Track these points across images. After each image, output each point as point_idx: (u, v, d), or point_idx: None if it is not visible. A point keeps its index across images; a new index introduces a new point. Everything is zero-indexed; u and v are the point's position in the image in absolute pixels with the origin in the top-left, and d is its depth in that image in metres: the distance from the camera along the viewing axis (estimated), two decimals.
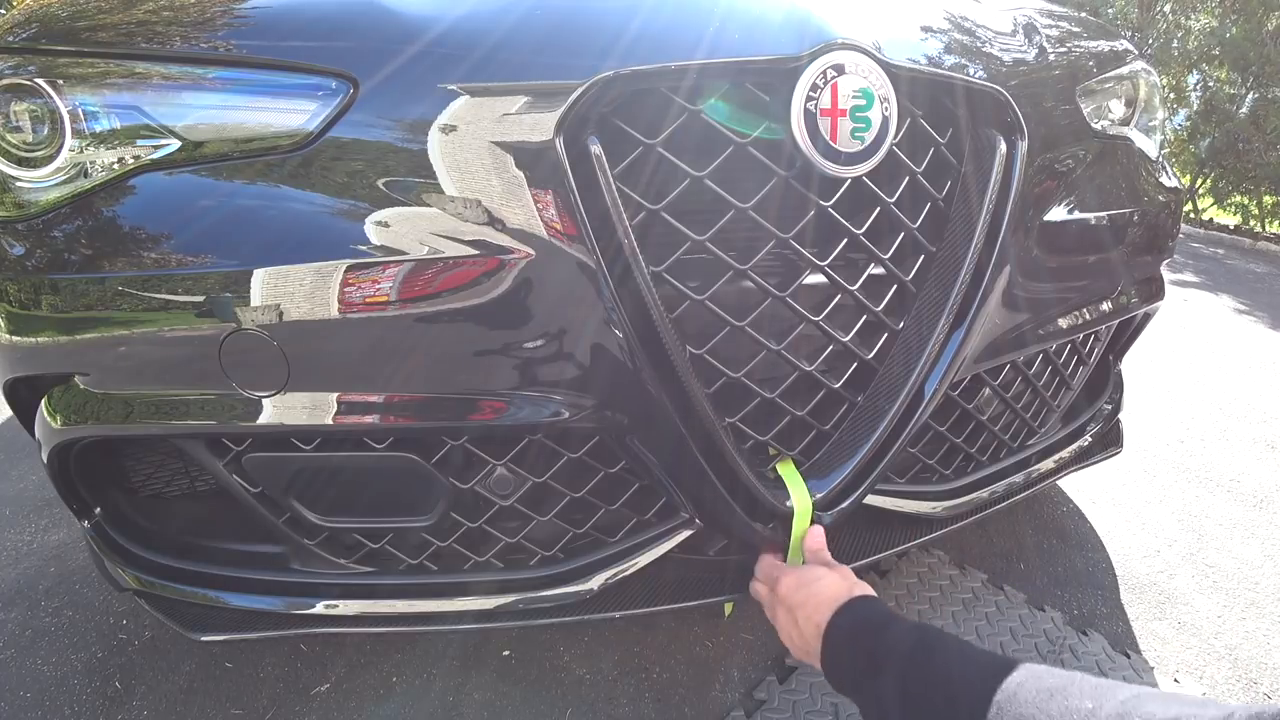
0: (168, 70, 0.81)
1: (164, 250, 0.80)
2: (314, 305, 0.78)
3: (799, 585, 0.85)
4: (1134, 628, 1.33)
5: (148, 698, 1.12)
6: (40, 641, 1.23)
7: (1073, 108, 1.11)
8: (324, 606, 0.96)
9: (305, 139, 0.79)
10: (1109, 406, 1.45)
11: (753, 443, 0.94)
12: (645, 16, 0.82)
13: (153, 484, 1.04)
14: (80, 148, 0.81)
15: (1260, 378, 2.62)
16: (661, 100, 0.82)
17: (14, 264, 0.84)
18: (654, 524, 0.98)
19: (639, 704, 1.13)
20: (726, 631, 1.27)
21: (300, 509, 0.93)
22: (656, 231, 0.83)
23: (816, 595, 0.82)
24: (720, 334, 0.87)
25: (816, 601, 0.81)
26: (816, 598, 0.82)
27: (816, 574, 0.85)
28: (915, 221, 0.95)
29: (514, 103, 0.77)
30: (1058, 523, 1.63)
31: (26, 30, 0.85)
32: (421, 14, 0.81)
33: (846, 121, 0.84)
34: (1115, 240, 1.17)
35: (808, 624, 0.81)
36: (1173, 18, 6.40)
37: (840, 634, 0.78)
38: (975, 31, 1.05)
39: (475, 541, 0.97)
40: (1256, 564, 1.53)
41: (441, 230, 0.78)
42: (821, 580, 0.84)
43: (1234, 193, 6.07)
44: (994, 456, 1.24)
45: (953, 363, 0.97)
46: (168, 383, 0.85)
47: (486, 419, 0.84)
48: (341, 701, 1.12)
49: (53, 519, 1.56)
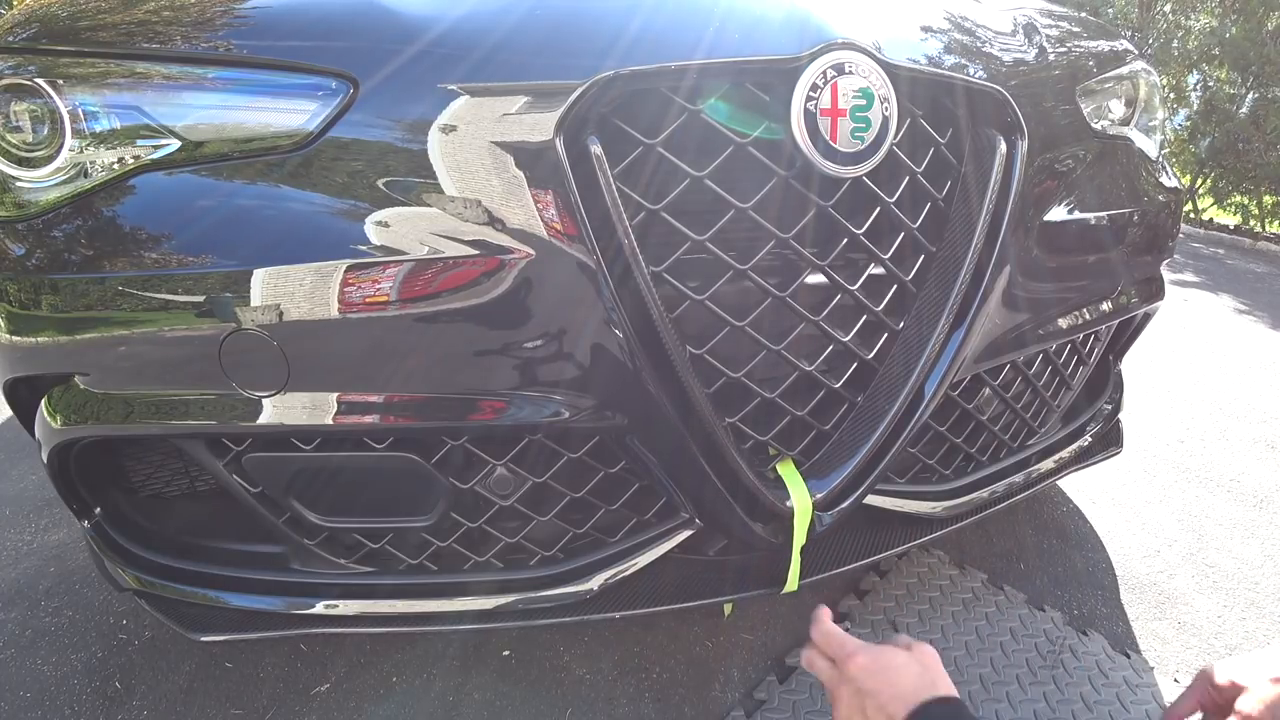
0: (168, 70, 0.81)
1: (164, 250, 0.80)
2: (314, 305, 0.78)
3: (876, 669, 0.76)
4: (1134, 628, 1.33)
5: (148, 698, 1.12)
6: (40, 641, 1.23)
7: (1073, 108, 1.11)
8: (324, 606, 0.96)
9: (305, 139, 0.79)
10: (1109, 406, 1.45)
11: (753, 443, 0.94)
12: (645, 17, 0.82)
13: (153, 484, 1.04)
14: (80, 148, 0.81)
15: (1260, 378, 2.62)
16: (661, 100, 0.82)
17: (14, 264, 0.84)
18: (654, 524, 0.98)
19: (639, 704, 1.13)
20: (726, 631, 1.27)
21: (300, 509, 0.93)
22: (656, 231, 0.83)
23: (894, 685, 0.74)
24: (720, 334, 0.87)
25: (894, 693, 0.73)
26: (894, 688, 0.74)
27: (897, 660, 0.76)
28: (915, 221, 0.95)
29: (514, 103, 0.77)
30: (1058, 523, 1.63)
31: (26, 30, 0.85)
32: (421, 14, 0.81)
33: (846, 121, 0.84)
34: (1115, 240, 1.17)
35: (878, 714, 0.74)
36: (1173, 18, 6.40)
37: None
38: (975, 31, 1.05)
39: (475, 541, 0.97)
40: (1256, 564, 1.53)
41: (441, 230, 0.78)
42: (902, 670, 0.75)
43: (1234, 193, 6.06)
44: (994, 456, 1.24)
45: (953, 363, 0.97)
46: (168, 383, 0.85)
47: (486, 419, 0.85)
48: (341, 701, 1.12)
49: (53, 519, 1.56)
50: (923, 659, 0.77)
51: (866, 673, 0.76)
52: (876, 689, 0.74)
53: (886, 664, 0.76)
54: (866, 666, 0.77)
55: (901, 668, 0.76)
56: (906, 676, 0.75)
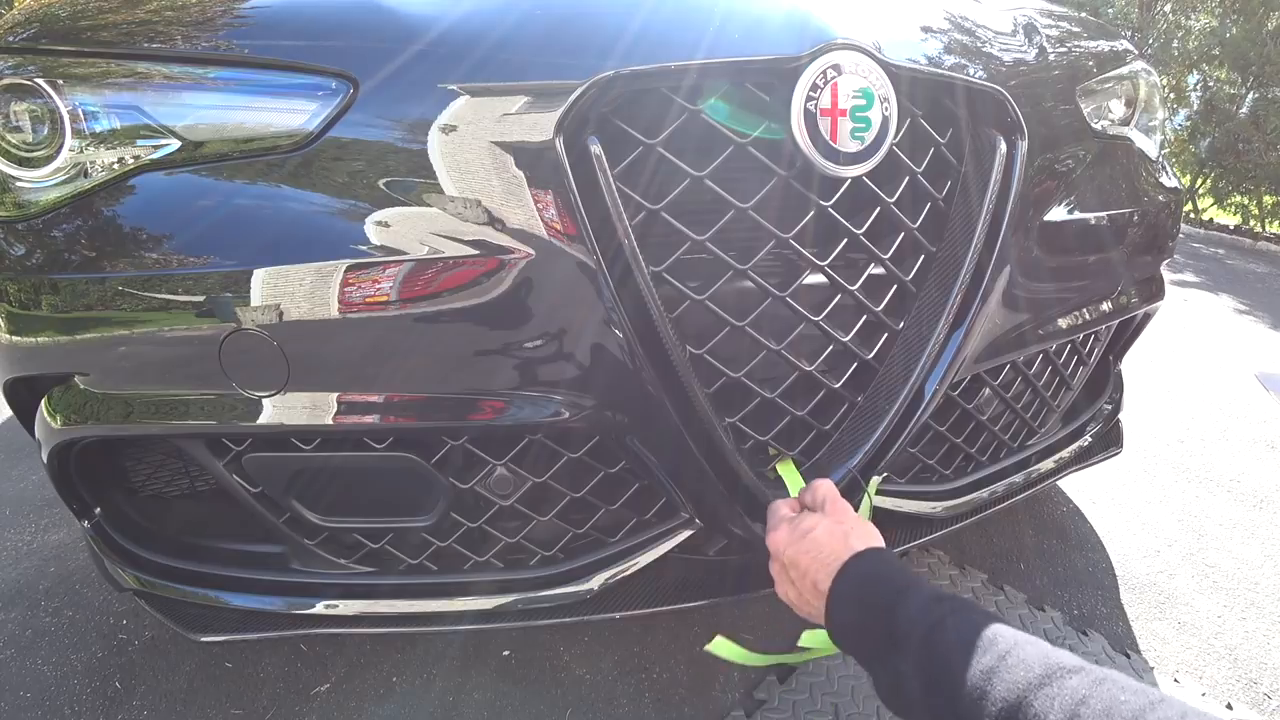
0: (168, 70, 0.81)
1: (164, 250, 0.80)
2: (314, 305, 0.78)
3: (792, 537, 0.74)
4: (1134, 628, 1.33)
5: (148, 698, 1.12)
6: (40, 641, 1.23)
7: (1073, 108, 1.11)
8: (324, 606, 0.96)
9: (305, 139, 0.79)
10: (1109, 406, 1.45)
11: (753, 443, 0.94)
12: (645, 16, 0.82)
13: (153, 484, 1.04)
14: (80, 148, 0.81)
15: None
16: (661, 100, 0.82)
17: (14, 264, 0.84)
18: (654, 524, 0.98)
19: (639, 704, 1.13)
20: (726, 632, 1.26)
21: (300, 509, 0.93)
22: (656, 231, 0.83)
23: (813, 550, 0.71)
24: (720, 334, 0.87)
25: (813, 557, 0.70)
26: (813, 553, 0.71)
27: (810, 523, 0.74)
28: (915, 221, 0.95)
29: (514, 103, 0.77)
30: (1058, 523, 1.63)
31: (27, 30, 0.85)
32: (421, 14, 0.81)
33: (846, 121, 0.84)
34: (1115, 240, 1.17)
35: (804, 583, 0.71)
36: (1173, 18, 6.41)
37: (845, 604, 0.67)
38: (975, 31, 1.05)
39: (475, 541, 0.97)
40: (1256, 564, 1.53)
41: (441, 230, 0.78)
42: (816, 531, 0.72)
43: (1234, 193, 6.07)
44: (994, 457, 1.24)
45: (953, 363, 0.97)
46: (168, 383, 0.85)
47: (486, 419, 0.84)
48: (341, 701, 1.12)
49: (53, 519, 1.56)
50: (840, 515, 0.75)
51: (784, 542, 0.74)
52: (797, 557, 0.72)
53: (805, 529, 0.73)
54: (783, 538, 0.75)
55: (816, 527, 0.73)
56: (825, 538, 0.71)
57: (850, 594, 0.67)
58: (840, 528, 0.72)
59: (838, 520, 0.74)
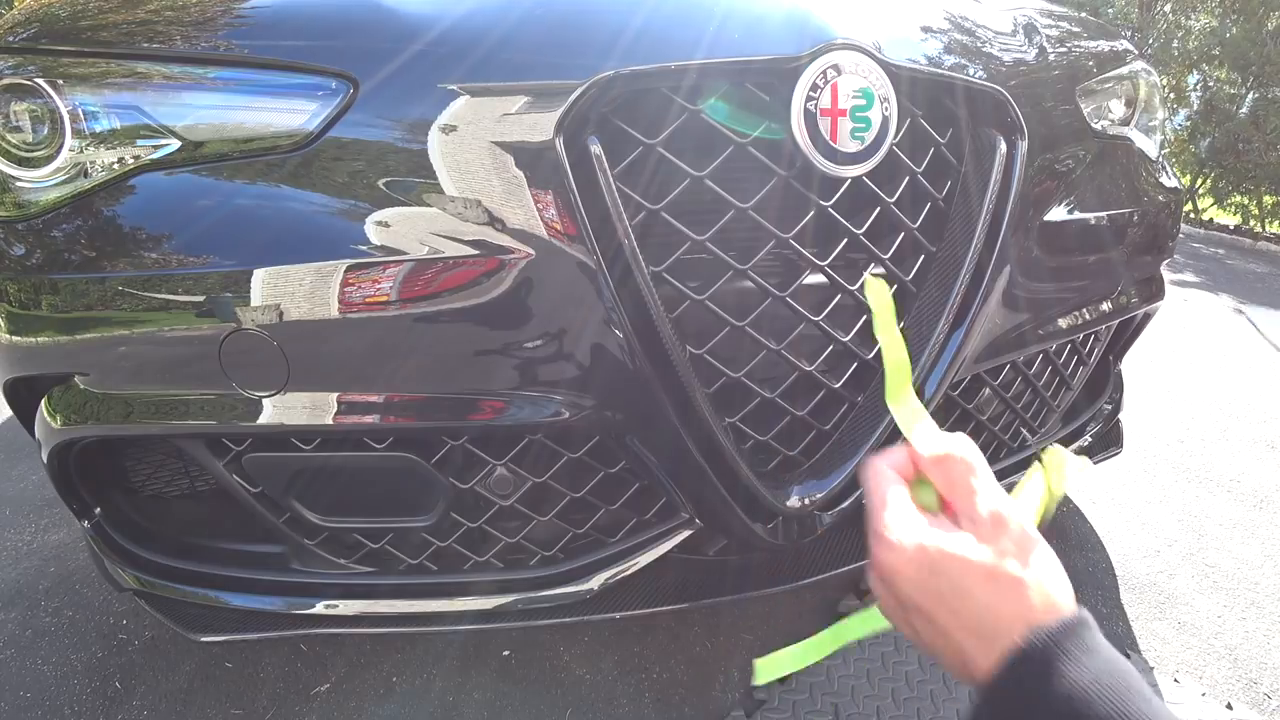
0: (168, 70, 0.81)
1: (164, 250, 0.80)
2: (314, 305, 0.78)
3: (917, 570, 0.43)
4: (1134, 628, 1.33)
5: (148, 698, 1.12)
6: (40, 641, 1.23)
7: (1073, 108, 1.11)
8: (324, 606, 0.96)
9: (305, 139, 0.79)
10: (1109, 406, 1.45)
11: (753, 442, 0.94)
12: (645, 16, 0.82)
13: (153, 484, 1.04)
14: (80, 148, 0.81)
15: (1260, 378, 2.62)
16: (661, 100, 0.82)
17: (14, 264, 0.84)
18: (654, 524, 0.98)
19: (639, 704, 1.13)
20: (726, 631, 1.27)
21: (300, 509, 0.93)
22: (656, 231, 0.83)
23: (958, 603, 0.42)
24: (720, 334, 0.87)
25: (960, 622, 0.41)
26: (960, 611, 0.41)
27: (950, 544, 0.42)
28: (915, 221, 0.95)
29: (514, 103, 0.77)
30: (1058, 523, 1.63)
31: (27, 30, 0.85)
32: (421, 14, 0.81)
33: (846, 121, 0.84)
34: (1115, 240, 1.17)
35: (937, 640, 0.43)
36: (1173, 18, 6.41)
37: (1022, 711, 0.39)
38: (975, 31, 1.05)
39: (475, 541, 0.97)
40: (1256, 564, 1.53)
41: (441, 230, 0.78)
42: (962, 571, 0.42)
43: (1234, 193, 6.07)
44: (994, 456, 1.24)
45: (953, 362, 0.97)
46: (168, 383, 0.85)
47: (486, 419, 0.84)
48: (341, 701, 1.12)
49: (53, 519, 1.56)
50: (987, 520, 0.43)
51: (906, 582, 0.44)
52: (929, 610, 0.42)
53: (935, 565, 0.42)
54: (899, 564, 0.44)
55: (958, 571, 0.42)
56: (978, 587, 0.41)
57: (1038, 706, 0.38)
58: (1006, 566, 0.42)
59: (996, 543, 0.42)
